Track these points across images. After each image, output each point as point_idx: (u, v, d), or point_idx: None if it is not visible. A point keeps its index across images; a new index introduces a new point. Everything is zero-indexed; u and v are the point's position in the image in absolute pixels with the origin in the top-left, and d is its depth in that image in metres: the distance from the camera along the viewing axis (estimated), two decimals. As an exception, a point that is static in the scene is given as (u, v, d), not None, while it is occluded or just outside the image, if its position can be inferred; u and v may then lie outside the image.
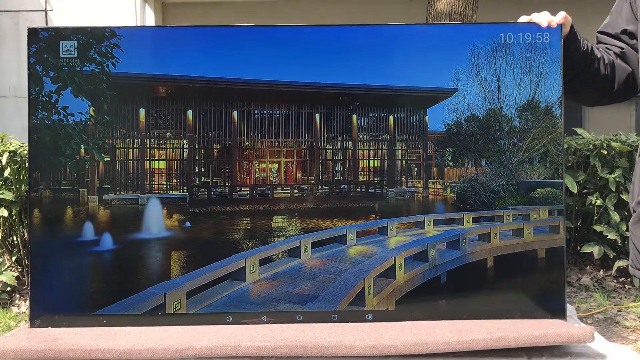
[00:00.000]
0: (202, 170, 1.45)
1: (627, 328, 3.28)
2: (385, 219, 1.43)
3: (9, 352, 1.24)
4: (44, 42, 1.43)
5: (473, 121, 1.44)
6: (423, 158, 1.44)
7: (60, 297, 1.40)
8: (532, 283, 1.43)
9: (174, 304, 1.41)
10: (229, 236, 1.43)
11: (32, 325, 1.40)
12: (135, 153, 1.44)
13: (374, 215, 1.43)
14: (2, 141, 2.03)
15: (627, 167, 2.28)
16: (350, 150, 1.44)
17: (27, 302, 3.87)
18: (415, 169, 1.45)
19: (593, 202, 2.15)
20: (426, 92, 1.45)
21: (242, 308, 1.42)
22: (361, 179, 1.44)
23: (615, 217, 2.20)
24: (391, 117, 1.45)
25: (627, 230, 1.58)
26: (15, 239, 4.28)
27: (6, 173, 1.98)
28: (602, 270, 3.02)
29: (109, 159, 1.44)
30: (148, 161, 1.45)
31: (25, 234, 4.29)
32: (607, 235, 2.27)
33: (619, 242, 2.54)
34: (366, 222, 1.43)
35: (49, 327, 1.39)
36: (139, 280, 1.42)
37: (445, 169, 1.44)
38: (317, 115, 1.44)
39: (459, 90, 1.43)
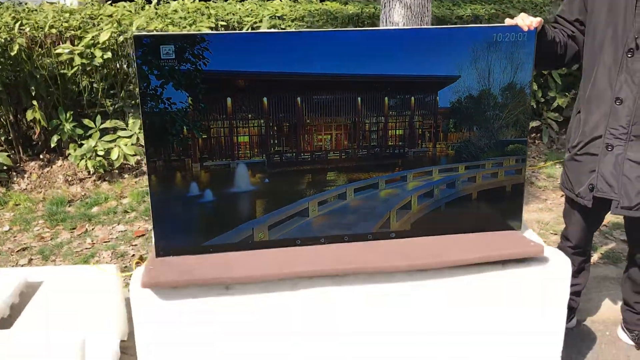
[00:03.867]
0: (276, 142, 1.94)
1: (540, 188, 4.20)
2: (405, 170, 2.02)
3: (165, 284, 1.82)
4: (147, 47, 1.79)
5: (470, 99, 1.99)
6: (433, 127, 2.00)
7: (176, 234, 1.94)
8: (501, 207, 2.12)
9: (259, 234, 2.00)
10: (296, 187, 1.98)
11: (157, 255, 1.96)
12: (226, 131, 1.91)
13: (398, 168, 2.02)
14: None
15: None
16: (382, 123, 1.98)
17: (26, 179, 4.27)
18: (428, 134, 2.01)
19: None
20: (438, 79, 1.96)
21: (307, 235, 2.02)
22: (390, 143, 2.00)
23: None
24: (412, 98, 1.97)
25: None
26: (2, 120, 4.70)
27: None
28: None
29: (205, 136, 1.90)
30: (235, 136, 1.92)
31: (11, 116, 4.57)
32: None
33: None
34: (392, 173, 2.02)
35: (170, 256, 1.96)
36: (233, 221, 1.97)
37: (449, 134, 2.02)
38: (359, 99, 1.94)
39: (461, 76, 1.96)
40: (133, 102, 4.58)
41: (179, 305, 1.86)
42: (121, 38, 4.24)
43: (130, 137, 4.34)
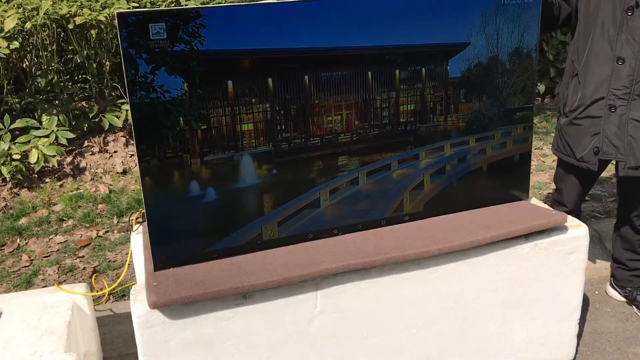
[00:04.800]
0: (283, 128, 1.73)
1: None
2: (417, 148, 1.89)
3: (179, 300, 1.57)
4: (133, 26, 1.51)
5: (479, 67, 1.88)
6: (444, 99, 1.87)
7: (177, 242, 1.69)
8: (510, 178, 2.04)
9: (269, 232, 1.79)
10: (306, 176, 1.79)
11: (156, 268, 1.70)
12: (227, 120, 1.67)
13: (410, 146, 1.88)
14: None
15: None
16: (394, 99, 1.82)
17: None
18: (439, 107, 1.88)
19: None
20: (449, 47, 1.83)
21: (319, 227, 1.84)
22: (401, 120, 1.85)
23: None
24: (423, 69, 1.83)
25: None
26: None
27: None
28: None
29: (205, 126, 1.65)
30: (239, 125, 1.68)
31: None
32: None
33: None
34: (405, 152, 1.87)
35: (171, 268, 1.70)
36: (239, 220, 1.74)
37: (459, 105, 1.90)
38: (369, 73, 1.77)
39: (471, 43, 1.84)
40: (42, 97, 4.10)
41: (193, 322, 1.63)
42: (28, 25, 3.75)
43: (48, 136, 3.87)
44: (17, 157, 3.71)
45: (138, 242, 1.94)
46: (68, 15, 3.90)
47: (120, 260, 2.82)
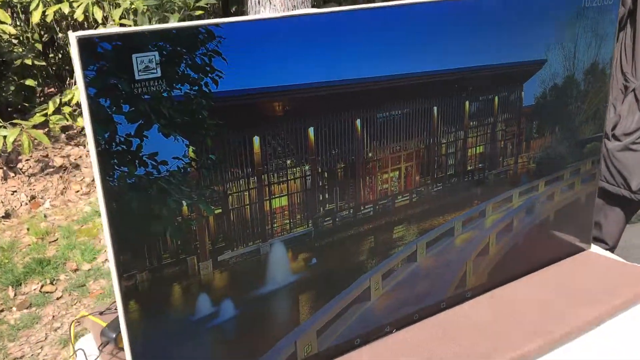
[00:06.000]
0: (327, 197, 1.16)
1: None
2: (484, 202, 1.40)
3: None
4: (106, 59, 0.87)
5: (554, 91, 1.43)
6: (516, 135, 1.40)
7: (178, 390, 1.08)
8: (575, 225, 1.62)
9: (305, 348, 1.22)
10: (354, 260, 1.24)
11: None
12: (252, 195, 1.07)
13: (476, 201, 1.39)
14: None
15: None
16: (461, 140, 1.32)
17: None
18: (510, 147, 1.41)
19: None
20: (525, 67, 1.36)
21: (369, 327, 1.30)
22: (468, 167, 1.35)
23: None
24: (496, 98, 1.34)
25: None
26: None
27: None
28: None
29: (220, 210, 1.04)
30: (267, 201, 1.09)
31: None
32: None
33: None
34: (470, 209, 1.38)
35: None
36: (267, 340, 1.16)
37: (531, 141, 1.44)
38: (434, 109, 1.25)
39: (548, 60, 1.38)
40: None
41: None
42: None
43: None
44: None
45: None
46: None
47: (31, 354, 2.08)
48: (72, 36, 0.84)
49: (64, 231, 3.02)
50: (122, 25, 3.80)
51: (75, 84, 4.59)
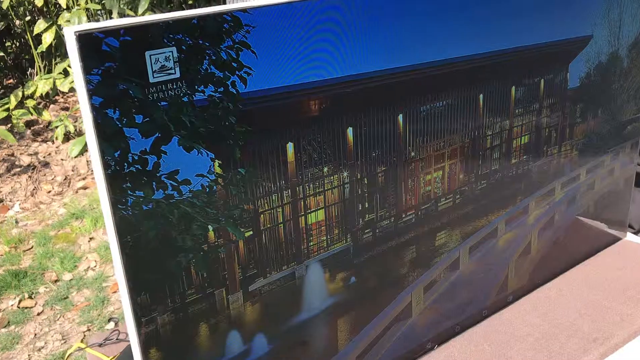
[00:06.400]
0: (366, 206, 1.00)
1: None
2: (528, 197, 1.26)
3: None
4: (113, 59, 0.68)
5: (598, 70, 1.28)
6: (560, 121, 1.26)
7: None
8: (612, 214, 1.50)
9: (346, 377, 1.07)
10: (395, 275, 1.09)
11: None
12: (286, 212, 0.90)
13: (520, 197, 1.25)
14: None
15: None
16: (507, 131, 1.17)
17: None
18: (554, 134, 1.26)
19: None
20: (571, 44, 1.21)
21: (410, 345, 1.16)
22: (513, 161, 1.20)
23: None
24: (542, 81, 1.19)
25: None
26: None
27: None
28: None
29: (251, 231, 0.87)
30: (303, 216, 0.93)
31: None
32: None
33: None
34: (514, 207, 1.24)
35: None
36: (305, 373, 1.01)
37: (575, 127, 1.30)
38: (480, 97, 1.09)
39: (593, 36, 1.24)
40: None
41: None
42: None
43: None
44: None
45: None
46: None
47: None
48: (70, 32, 0.65)
49: (39, 238, 2.80)
50: (87, 10, 3.54)
51: (37, 74, 4.30)
